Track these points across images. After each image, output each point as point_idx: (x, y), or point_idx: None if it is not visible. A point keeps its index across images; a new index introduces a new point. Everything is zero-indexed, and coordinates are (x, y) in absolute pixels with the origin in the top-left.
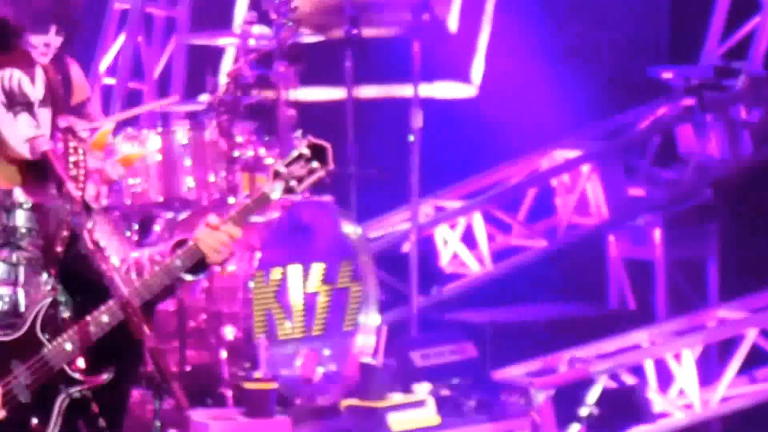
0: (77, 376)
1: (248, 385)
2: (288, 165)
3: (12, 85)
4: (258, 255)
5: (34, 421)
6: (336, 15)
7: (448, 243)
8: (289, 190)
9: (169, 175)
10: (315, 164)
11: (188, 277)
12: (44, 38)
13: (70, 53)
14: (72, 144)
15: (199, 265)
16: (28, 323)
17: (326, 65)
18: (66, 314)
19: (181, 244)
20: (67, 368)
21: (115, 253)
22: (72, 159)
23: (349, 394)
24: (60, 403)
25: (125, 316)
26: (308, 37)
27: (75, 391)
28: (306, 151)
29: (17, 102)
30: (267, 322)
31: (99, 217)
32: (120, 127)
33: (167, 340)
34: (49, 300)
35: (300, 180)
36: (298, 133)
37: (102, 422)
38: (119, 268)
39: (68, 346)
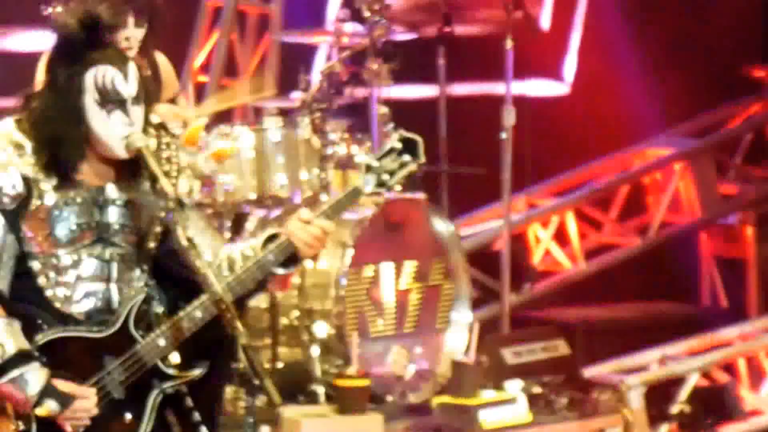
0: (171, 371)
1: (340, 382)
2: (380, 159)
3: (105, 83)
4: (351, 252)
5: (128, 417)
6: (429, 12)
7: (540, 241)
8: (380, 183)
9: (262, 172)
10: (406, 158)
11: (280, 271)
12: (124, 32)
13: (159, 48)
14: (164, 140)
15: (291, 258)
16: (122, 319)
17: (419, 63)
18: (159, 310)
19: (272, 238)
20: (160, 364)
21: (208, 248)
22: (164, 155)
23: (440, 391)
24: (154, 398)
25: (219, 313)
26: (401, 35)
27: (168, 386)
28: (398, 145)
29: (110, 99)
30: (359, 319)
31: (192, 213)
32: (213, 123)
33: (259, 337)
34: (142, 296)
35: (392, 173)
36: (390, 127)
37: (196, 416)
38: (212, 264)
39: (161, 342)
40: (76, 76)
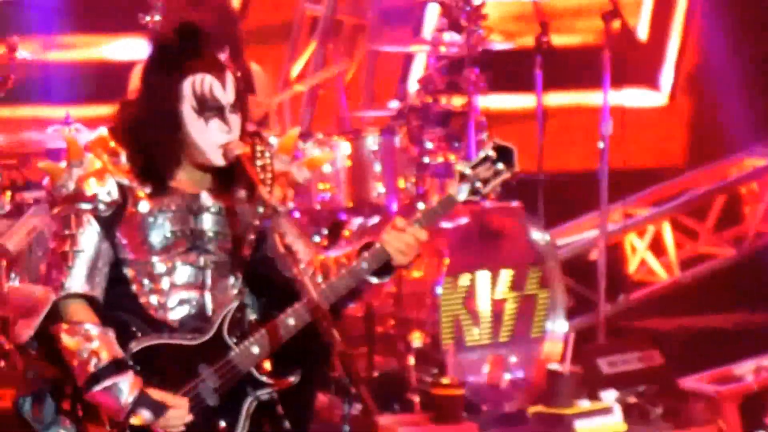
0: (264, 378)
1: (436, 391)
2: (474, 167)
3: (203, 90)
4: (446, 261)
5: (222, 424)
6: (526, 22)
7: (636, 250)
8: (474, 192)
9: (358, 180)
10: (500, 166)
11: (374, 280)
12: None
13: (253, 58)
14: (259, 148)
15: (385, 267)
16: (216, 327)
17: (516, 72)
18: (252, 317)
19: (367, 246)
20: (254, 371)
21: (302, 255)
22: (259, 163)
23: (535, 400)
24: (248, 406)
25: (315, 321)
26: (498, 44)
27: (263, 393)
28: (491, 153)
29: (208, 107)
30: (455, 328)
31: (285, 221)
32: (310, 132)
33: (355, 346)
34: (236, 303)
35: (485, 182)
36: (484, 135)
37: (287, 424)
38: (305, 271)
39: (255, 350)
40: (173, 83)
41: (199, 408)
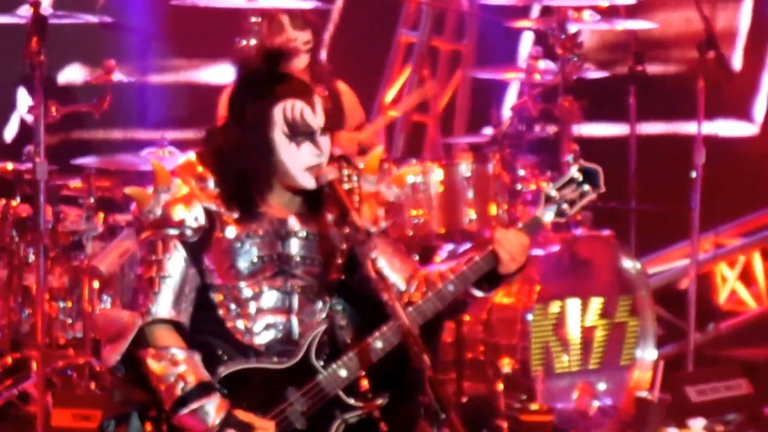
0: (352, 402)
1: (524, 417)
2: (559, 189)
3: (294, 116)
4: (537, 288)
5: None
6: (621, 51)
7: (726, 280)
8: (560, 213)
9: (451, 207)
10: (586, 187)
11: (479, 293)
12: (301, 34)
13: (342, 79)
14: (345, 171)
15: (491, 279)
16: (303, 350)
17: (610, 101)
18: (347, 338)
19: (469, 261)
20: (342, 394)
21: (398, 272)
22: (346, 186)
23: (623, 428)
24: (335, 429)
25: (407, 345)
26: (593, 73)
27: (350, 417)
28: (577, 175)
29: (300, 132)
30: (544, 354)
31: (379, 240)
32: (404, 158)
33: (445, 371)
34: (323, 327)
35: (572, 203)
36: (569, 157)
37: None
38: (405, 292)
39: (343, 373)
40: (264, 109)
41: (288, 431)
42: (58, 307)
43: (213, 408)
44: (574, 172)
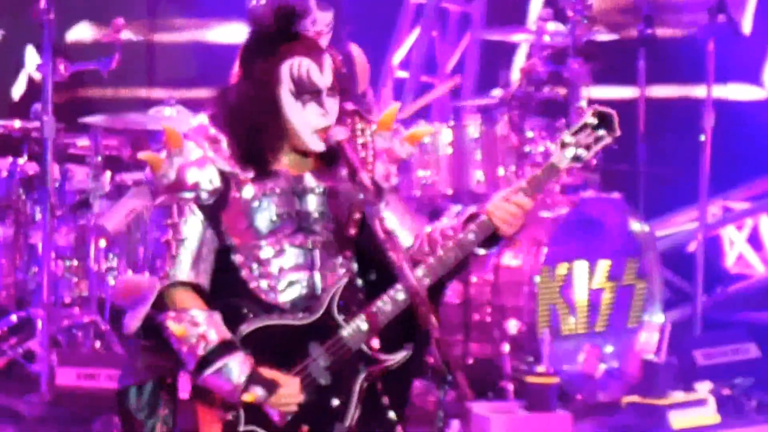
0: (375, 355)
1: (530, 379)
2: (574, 134)
3: (300, 74)
4: (545, 250)
5: (335, 402)
6: (631, 14)
7: (734, 244)
8: (576, 158)
9: (459, 168)
10: (601, 132)
11: (480, 251)
12: (323, 15)
13: (353, 40)
14: (359, 126)
15: (491, 238)
16: (325, 306)
17: (619, 64)
18: (360, 295)
19: (472, 218)
20: (365, 348)
21: (408, 229)
22: (360, 141)
23: (630, 391)
24: (360, 383)
25: (414, 307)
26: (602, 35)
27: (375, 370)
28: (592, 120)
29: (306, 90)
30: (551, 317)
31: (390, 197)
32: (412, 119)
33: (451, 333)
34: (344, 281)
35: (587, 147)
36: (583, 102)
37: (386, 401)
38: (411, 248)
39: (365, 327)
40: (271, 67)
41: (311, 387)
42: (63, 266)
43: (237, 365)
44: (588, 116)
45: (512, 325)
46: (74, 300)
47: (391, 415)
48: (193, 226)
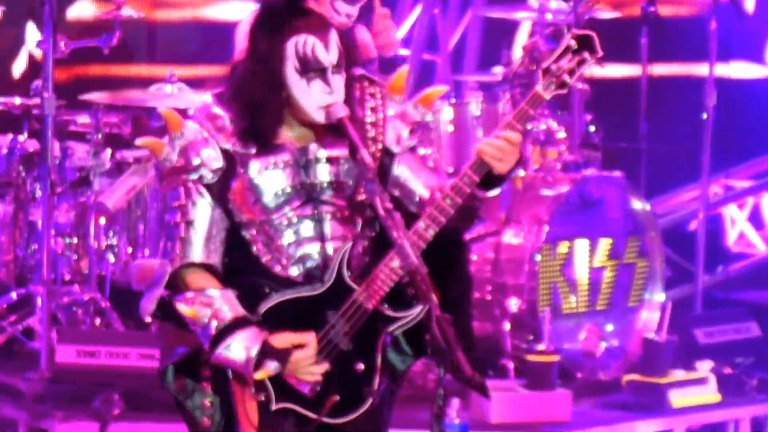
0: (392, 313)
1: (530, 358)
2: (556, 60)
3: (306, 51)
4: (546, 228)
5: (361, 367)
6: None
7: (735, 222)
8: (561, 85)
9: (460, 146)
10: (585, 54)
11: (485, 194)
12: (351, 8)
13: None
14: (369, 90)
15: (491, 179)
16: (335, 272)
17: (622, 42)
18: (369, 256)
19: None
20: (381, 307)
21: (423, 183)
22: (370, 105)
23: (630, 369)
24: (382, 343)
25: (413, 285)
26: (605, 13)
27: (395, 328)
28: (572, 43)
29: (310, 68)
30: (552, 295)
31: (404, 156)
32: (413, 96)
33: None
34: (349, 245)
35: (571, 73)
36: (564, 28)
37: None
38: (425, 200)
39: (377, 285)
40: (277, 43)
41: (334, 354)
42: (63, 243)
43: (247, 340)
44: (569, 40)
45: (513, 304)
46: (74, 277)
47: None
48: (201, 207)
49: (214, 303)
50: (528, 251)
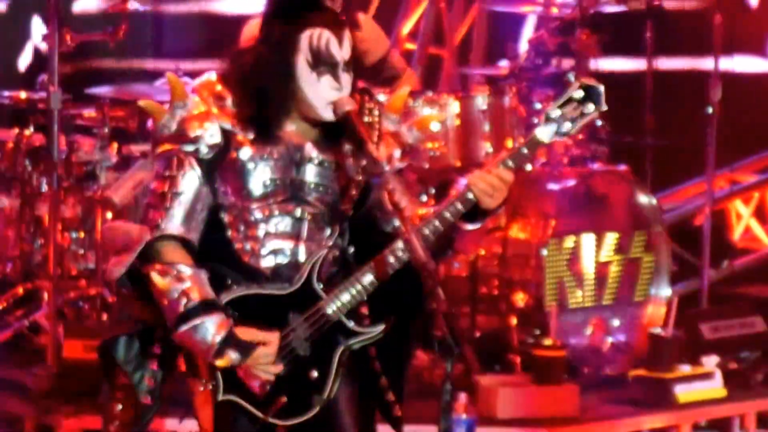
0: (354, 326)
1: (537, 352)
2: (560, 107)
3: (319, 45)
4: (552, 223)
5: (314, 374)
6: None
7: (741, 217)
8: (561, 133)
9: (467, 140)
10: (589, 106)
11: (467, 226)
12: None
13: (363, 10)
14: (368, 105)
15: (476, 213)
16: (305, 276)
17: (627, 35)
18: (342, 269)
19: (447, 202)
20: (344, 319)
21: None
22: (367, 120)
23: (637, 364)
24: (339, 355)
25: (422, 279)
26: (610, 7)
27: (354, 342)
28: (579, 93)
29: (322, 62)
30: (558, 290)
31: (390, 177)
32: (420, 90)
33: (459, 305)
34: (324, 252)
35: (573, 121)
36: (570, 75)
37: (383, 381)
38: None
39: (345, 298)
40: (291, 34)
41: (290, 358)
42: (70, 238)
43: (214, 325)
44: (575, 90)
45: (519, 298)
46: (81, 272)
47: (390, 396)
48: (190, 181)
49: (187, 280)
50: (534, 246)
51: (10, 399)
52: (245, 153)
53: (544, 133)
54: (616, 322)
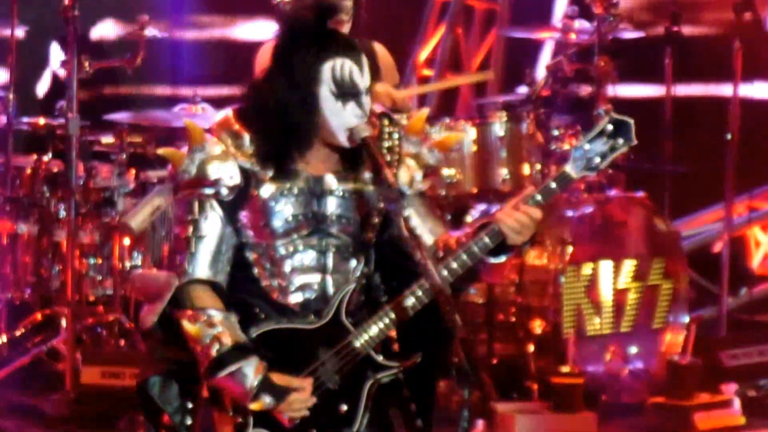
0: (383, 360)
1: (555, 380)
2: (590, 142)
3: (343, 75)
4: (570, 249)
5: (344, 407)
6: (657, 12)
7: (759, 244)
8: (590, 167)
9: (484, 166)
10: (619, 140)
11: (491, 260)
12: None
13: (377, 39)
14: (387, 129)
15: (503, 246)
16: (333, 310)
17: (646, 62)
18: (383, 299)
19: (484, 226)
20: (373, 353)
21: (429, 233)
22: (386, 144)
23: (655, 392)
24: (368, 388)
25: (438, 305)
26: (629, 33)
27: (383, 376)
28: (609, 128)
29: (347, 91)
30: (576, 317)
31: (413, 200)
32: (437, 117)
33: (476, 332)
34: (353, 285)
35: (603, 156)
36: (602, 110)
37: (413, 408)
38: (433, 254)
39: (374, 331)
40: (313, 66)
41: (320, 391)
42: (88, 264)
43: (251, 370)
44: (605, 124)
45: (537, 325)
46: (98, 298)
47: (419, 422)
48: (212, 223)
49: (218, 325)
50: (552, 273)
51: (29, 425)
52: (266, 191)
53: (573, 168)
54: (634, 350)
